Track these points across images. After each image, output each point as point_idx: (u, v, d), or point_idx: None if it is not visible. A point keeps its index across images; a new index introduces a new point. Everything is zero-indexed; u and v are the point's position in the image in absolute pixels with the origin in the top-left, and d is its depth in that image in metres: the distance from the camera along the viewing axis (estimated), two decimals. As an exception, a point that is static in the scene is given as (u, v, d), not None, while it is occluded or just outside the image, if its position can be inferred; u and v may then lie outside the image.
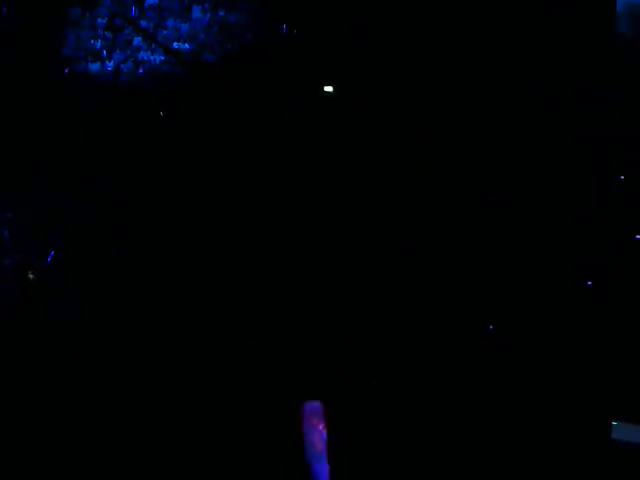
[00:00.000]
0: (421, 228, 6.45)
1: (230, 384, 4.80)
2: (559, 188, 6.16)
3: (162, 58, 7.85)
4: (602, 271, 5.61)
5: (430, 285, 5.52)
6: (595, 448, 4.37)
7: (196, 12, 8.07)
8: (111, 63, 7.64)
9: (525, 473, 4.28)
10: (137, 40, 7.86)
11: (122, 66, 7.56)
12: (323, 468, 4.14)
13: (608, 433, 4.37)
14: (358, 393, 4.89)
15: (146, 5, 7.87)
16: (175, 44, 7.81)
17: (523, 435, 4.56)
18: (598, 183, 6.00)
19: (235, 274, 5.30)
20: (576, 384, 4.89)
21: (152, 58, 7.77)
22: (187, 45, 7.90)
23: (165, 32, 8.01)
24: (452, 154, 6.78)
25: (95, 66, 7.60)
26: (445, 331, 5.33)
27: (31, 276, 5.69)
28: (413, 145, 6.70)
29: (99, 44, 7.68)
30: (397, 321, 5.36)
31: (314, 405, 4.16)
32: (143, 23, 7.77)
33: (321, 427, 4.08)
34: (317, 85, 7.41)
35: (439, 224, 6.38)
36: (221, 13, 8.02)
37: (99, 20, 7.89)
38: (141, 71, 7.85)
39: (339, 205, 6.05)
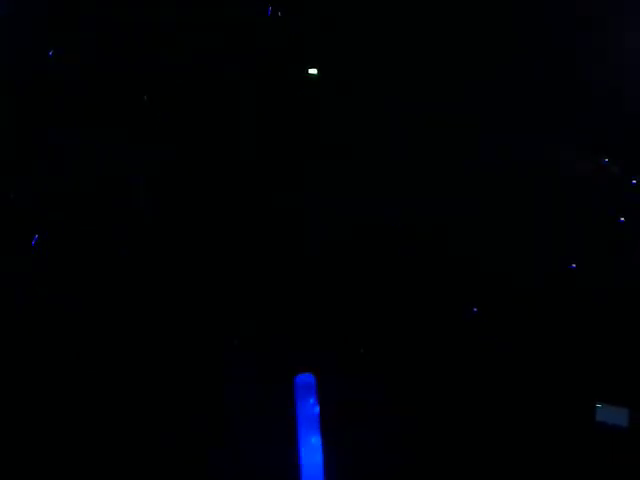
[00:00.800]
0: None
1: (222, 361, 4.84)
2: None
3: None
4: (593, 261, 5.64)
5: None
6: (579, 430, 4.39)
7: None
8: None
9: (508, 455, 4.29)
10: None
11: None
12: (316, 442, 4.14)
13: (592, 415, 4.39)
14: (350, 366, 4.92)
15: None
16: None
17: (506, 418, 4.58)
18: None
19: (233, 268, 5.31)
20: (560, 366, 4.92)
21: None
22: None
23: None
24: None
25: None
26: (436, 319, 5.38)
27: None
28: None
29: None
30: (392, 313, 5.43)
31: (306, 377, 4.14)
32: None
33: (313, 400, 4.07)
34: (303, 69, 7.40)
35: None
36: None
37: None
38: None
39: (333, 201, 6.09)
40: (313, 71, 7.26)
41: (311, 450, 4.12)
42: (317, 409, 4.18)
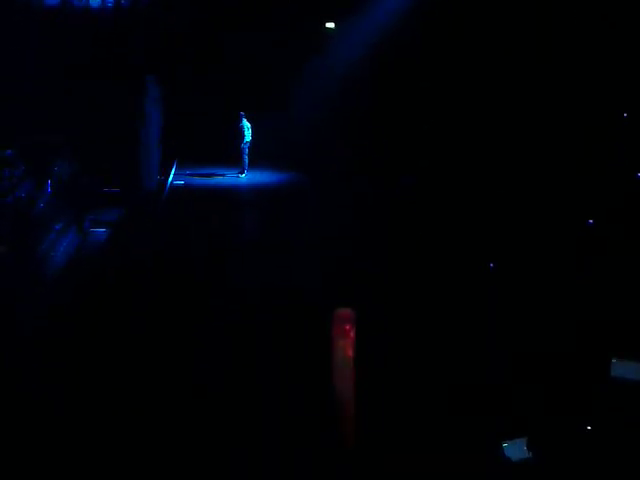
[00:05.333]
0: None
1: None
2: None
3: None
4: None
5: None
6: (595, 385, 4.39)
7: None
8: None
9: (525, 409, 4.30)
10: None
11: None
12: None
13: (608, 370, 4.38)
14: (386, 301, 5.17)
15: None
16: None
17: (522, 372, 4.59)
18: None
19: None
20: (576, 322, 4.92)
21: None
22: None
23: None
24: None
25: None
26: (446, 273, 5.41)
27: None
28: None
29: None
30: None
31: (345, 312, 4.18)
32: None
33: (351, 333, 4.10)
34: (319, 22, 7.37)
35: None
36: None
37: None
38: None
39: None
40: (330, 25, 7.24)
41: None
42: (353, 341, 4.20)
